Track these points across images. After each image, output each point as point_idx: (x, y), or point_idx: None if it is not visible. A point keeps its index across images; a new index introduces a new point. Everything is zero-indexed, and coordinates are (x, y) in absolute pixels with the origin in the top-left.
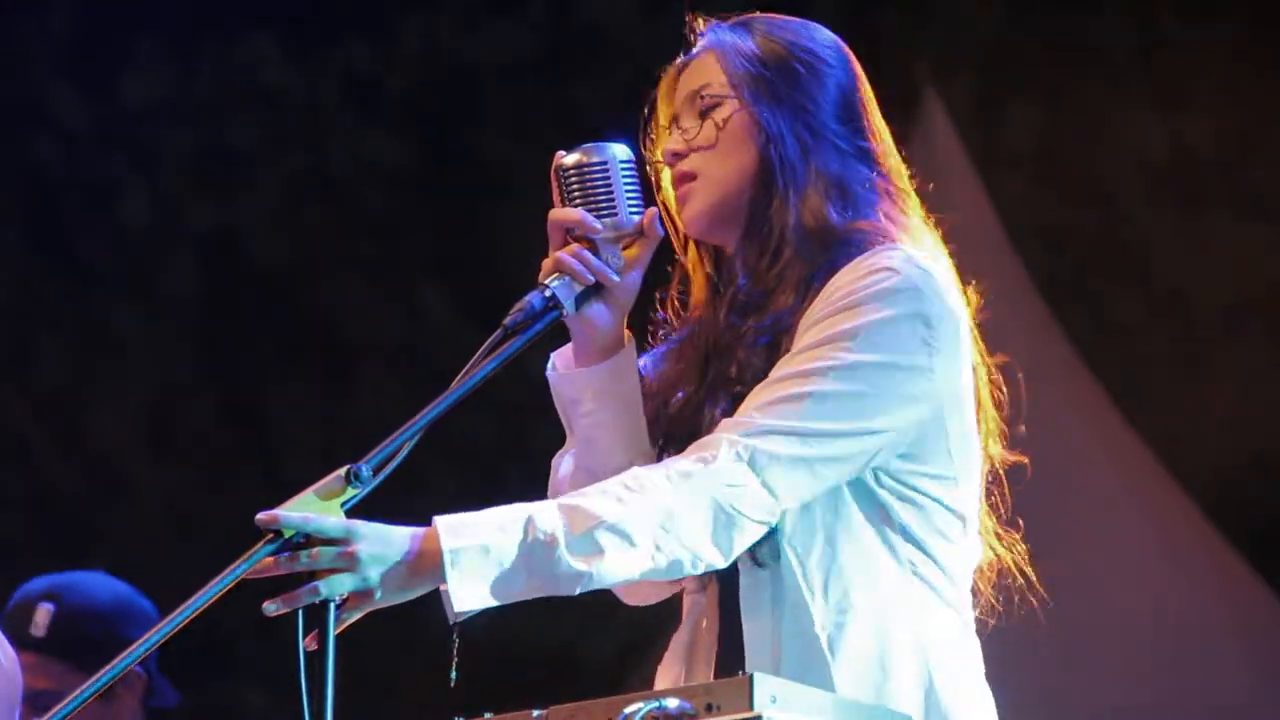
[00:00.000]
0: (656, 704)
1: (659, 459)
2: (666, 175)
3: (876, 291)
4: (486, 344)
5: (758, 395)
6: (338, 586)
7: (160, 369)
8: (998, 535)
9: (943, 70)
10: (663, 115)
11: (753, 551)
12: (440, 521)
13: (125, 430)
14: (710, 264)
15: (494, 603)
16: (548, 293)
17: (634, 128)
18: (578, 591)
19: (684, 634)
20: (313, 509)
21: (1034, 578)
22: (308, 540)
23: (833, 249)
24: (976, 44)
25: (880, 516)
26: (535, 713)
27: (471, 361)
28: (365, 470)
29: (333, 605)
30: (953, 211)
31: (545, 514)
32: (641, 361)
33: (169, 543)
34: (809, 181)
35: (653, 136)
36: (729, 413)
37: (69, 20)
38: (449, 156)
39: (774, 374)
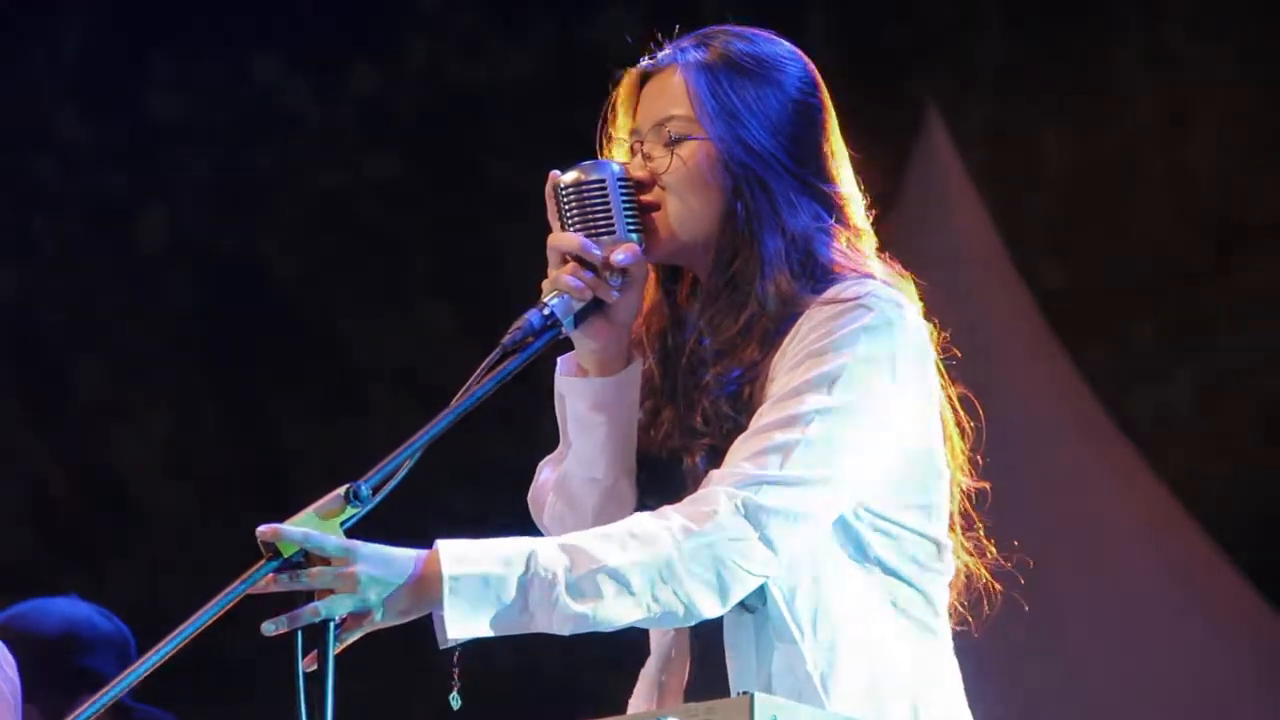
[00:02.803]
0: None
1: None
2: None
3: (852, 332)
4: (485, 363)
5: (746, 444)
6: (337, 607)
7: (167, 390)
8: (966, 550)
9: (945, 87)
10: (622, 124)
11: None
12: (442, 546)
13: (134, 452)
14: (663, 272)
15: (488, 634)
16: (546, 310)
17: None
18: (570, 632)
19: (653, 668)
20: (312, 528)
21: (993, 580)
22: (307, 559)
23: (800, 301)
24: (980, 62)
25: (859, 551)
26: None
27: (470, 380)
28: (365, 489)
29: (332, 625)
30: (954, 229)
31: (548, 551)
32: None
33: (177, 564)
34: (776, 241)
35: (610, 132)
36: (710, 464)
37: (77, 44)
38: (455, 178)
39: (759, 421)
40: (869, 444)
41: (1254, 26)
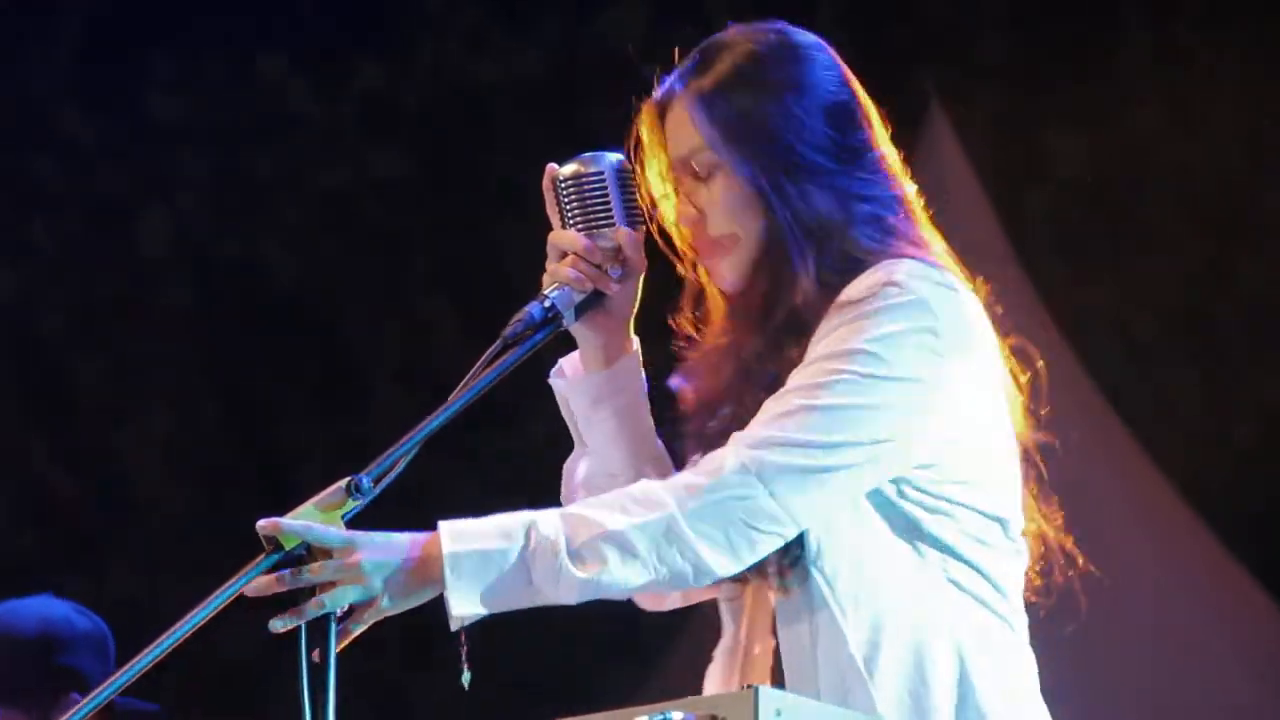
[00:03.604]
0: (662, 716)
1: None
2: (667, 207)
3: (882, 307)
4: (485, 355)
5: (766, 410)
6: (342, 598)
7: (168, 389)
8: (1043, 515)
9: (950, 81)
10: (652, 157)
11: (781, 579)
12: (443, 526)
13: (135, 451)
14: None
15: (494, 609)
16: (547, 303)
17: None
18: (577, 600)
19: (729, 646)
20: (313, 521)
21: (1073, 550)
22: (309, 553)
23: (833, 292)
24: (984, 56)
25: (908, 529)
26: None
27: (470, 373)
28: (366, 482)
29: (332, 619)
30: (958, 227)
31: (547, 522)
32: (676, 379)
33: (179, 561)
34: (805, 244)
35: (641, 159)
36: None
37: (78, 43)
38: (457, 176)
39: (784, 389)
40: (892, 417)
41: (1261, 23)
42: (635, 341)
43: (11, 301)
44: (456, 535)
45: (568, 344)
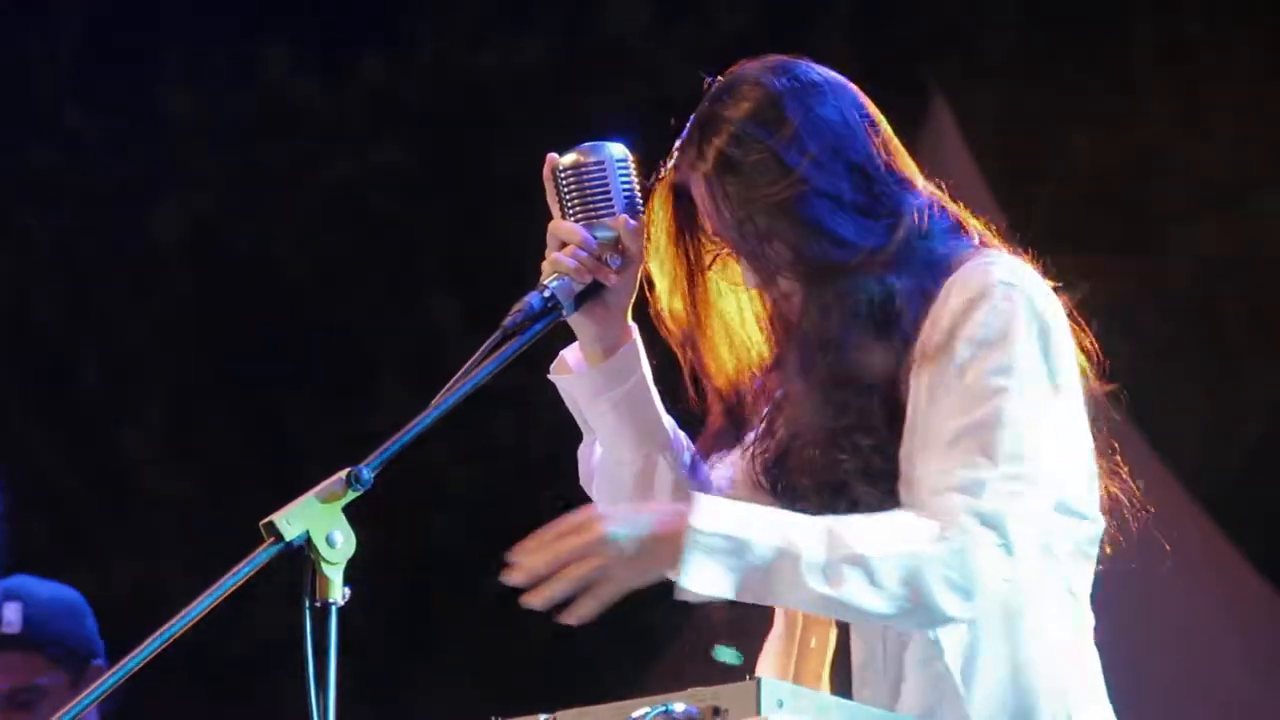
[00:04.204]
0: (664, 708)
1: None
2: (662, 286)
3: (1000, 311)
4: (485, 345)
5: (949, 453)
6: (589, 571)
7: (174, 382)
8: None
9: (953, 77)
10: (660, 234)
11: None
12: (701, 499)
13: (141, 444)
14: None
15: (725, 595)
16: (546, 293)
17: (648, 140)
18: (813, 611)
19: (781, 637)
20: (313, 512)
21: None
22: (307, 544)
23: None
24: (989, 51)
25: None
26: (543, 716)
27: (470, 363)
28: (366, 473)
29: (334, 610)
30: None
31: (805, 529)
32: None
33: (183, 554)
34: (845, 326)
35: (650, 231)
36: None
37: (82, 35)
38: (464, 169)
39: (947, 423)
40: (1054, 424)
41: (1265, 18)
42: (634, 329)
43: (17, 295)
44: (712, 513)
45: (566, 334)
